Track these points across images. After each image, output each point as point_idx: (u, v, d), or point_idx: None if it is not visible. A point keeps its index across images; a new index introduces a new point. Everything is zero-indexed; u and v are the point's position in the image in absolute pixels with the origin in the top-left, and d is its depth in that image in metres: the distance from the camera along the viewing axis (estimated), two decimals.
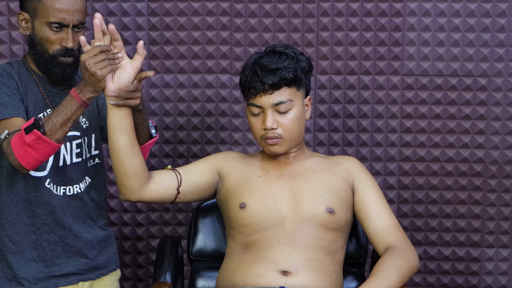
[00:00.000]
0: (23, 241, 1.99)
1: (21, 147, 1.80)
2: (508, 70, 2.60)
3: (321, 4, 2.60)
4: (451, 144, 2.66)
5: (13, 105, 1.88)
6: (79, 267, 2.07)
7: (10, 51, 2.64)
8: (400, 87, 2.64)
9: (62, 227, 2.02)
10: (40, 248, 2.01)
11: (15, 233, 1.99)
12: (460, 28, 2.59)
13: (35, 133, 1.78)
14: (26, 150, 1.80)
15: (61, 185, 2.03)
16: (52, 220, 2.01)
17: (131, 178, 1.94)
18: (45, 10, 1.91)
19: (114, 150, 1.91)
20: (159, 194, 2.01)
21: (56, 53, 1.93)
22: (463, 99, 2.63)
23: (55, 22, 1.90)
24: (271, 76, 1.94)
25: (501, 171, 2.66)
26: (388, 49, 2.62)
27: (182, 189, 2.02)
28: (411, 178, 2.69)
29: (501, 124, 2.63)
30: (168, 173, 2.04)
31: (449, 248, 2.72)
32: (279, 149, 2.01)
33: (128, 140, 1.91)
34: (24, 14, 1.95)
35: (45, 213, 2.00)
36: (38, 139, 1.78)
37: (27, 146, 1.79)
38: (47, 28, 1.92)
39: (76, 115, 1.82)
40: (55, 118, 1.81)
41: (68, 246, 2.04)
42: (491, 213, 2.69)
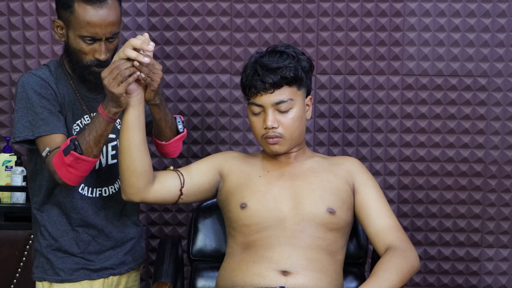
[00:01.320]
0: (60, 238, 2.05)
1: (63, 167, 1.87)
2: (508, 70, 2.60)
3: (321, 4, 2.60)
4: (451, 144, 2.66)
5: (53, 120, 1.92)
6: (110, 263, 2.12)
7: (10, 51, 2.65)
8: (400, 87, 2.64)
9: (94, 229, 2.07)
10: (75, 246, 2.06)
11: (54, 230, 2.05)
12: (460, 28, 2.59)
13: (73, 154, 1.84)
14: (68, 170, 1.87)
15: (97, 187, 2.07)
16: (85, 223, 2.06)
17: (139, 176, 1.93)
18: (78, 23, 1.89)
19: (128, 147, 1.91)
20: (162, 194, 2.00)
21: (90, 64, 1.93)
22: (463, 99, 2.63)
23: (87, 36, 1.89)
24: (272, 75, 1.94)
25: (501, 171, 2.66)
26: (388, 49, 2.62)
27: (184, 190, 2.02)
28: (411, 178, 2.69)
29: (501, 124, 2.63)
30: (170, 174, 2.04)
31: (449, 248, 2.72)
32: (280, 148, 2.01)
33: (142, 136, 1.92)
34: (59, 22, 1.94)
35: (79, 217, 2.05)
36: (76, 159, 1.85)
37: (68, 167, 1.86)
38: (80, 40, 1.90)
39: (107, 131, 1.87)
40: (88, 136, 1.86)
41: (100, 245, 2.09)
42: (491, 213, 2.69)
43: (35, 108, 1.92)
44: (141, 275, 2.79)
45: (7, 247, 2.46)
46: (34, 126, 1.91)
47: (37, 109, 1.92)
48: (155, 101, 1.93)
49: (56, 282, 2.06)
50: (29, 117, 1.92)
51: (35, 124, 1.91)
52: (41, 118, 1.91)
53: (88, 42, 1.90)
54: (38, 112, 1.92)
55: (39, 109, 1.92)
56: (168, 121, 2.01)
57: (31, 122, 1.92)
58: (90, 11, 1.87)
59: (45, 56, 2.65)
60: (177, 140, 2.08)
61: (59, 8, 1.93)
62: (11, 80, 2.66)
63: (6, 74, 2.67)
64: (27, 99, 1.93)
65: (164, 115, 1.99)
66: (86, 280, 2.08)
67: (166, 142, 2.06)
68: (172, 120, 2.04)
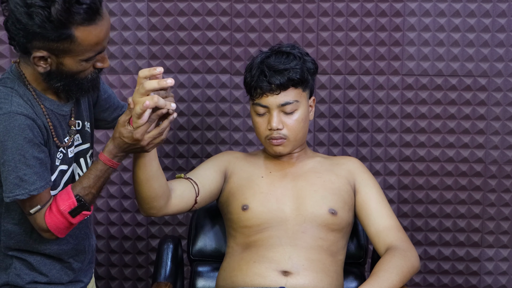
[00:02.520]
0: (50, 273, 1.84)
1: (63, 227, 1.71)
2: (508, 70, 2.60)
3: (321, 4, 2.60)
4: (451, 144, 2.66)
5: (44, 172, 1.67)
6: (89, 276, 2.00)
7: (10, 51, 2.64)
8: (400, 87, 2.64)
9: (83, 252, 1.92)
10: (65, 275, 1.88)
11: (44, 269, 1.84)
12: (460, 28, 2.59)
13: (84, 214, 1.72)
14: (69, 228, 1.73)
15: None
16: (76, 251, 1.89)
17: (160, 199, 1.90)
18: (82, 49, 1.63)
19: (147, 179, 1.84)
20: (181, 207, 1.98)
21: (89, 77, 1.72)
22: (463, 99, 2.63)
23: (92, 56, 1.66)
24: (278, 77, 1.94)
25: (501, 171, 2.66)
26: (388, 49, 2.62)
27: (199, 198, 2.01)
28: (411, 178, 2.69)
29: (501, 124, 2.63)
30: (186, 184, 2.00)
31: (449, 248, 2.72)
32: (284, 149, 2.01)
33: (157, 163, 1.86)
34: (43, 53, 1.63)
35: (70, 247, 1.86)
36: (84, 215, 1.73)
37: (72, 225, 1.72)
38: (84, 62, 1.67)
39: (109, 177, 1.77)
40: (93, 189, 1.73)
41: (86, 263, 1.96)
42: (491, 213, 2.69)
43: (27, 160, 1.63)
44: (141, 275, 2.79)
45: None
46: (26, 183, 1.64)
47: (30, 161, 1.64)
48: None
49: None
50: (19, 172, 1.63)
51: (28, 180, 1.64)
52: (35, 172, 1.64)
53: (92, 60, 1.69)
54: (31, 164, 1.64)
55: (32, 161, 1.64)
56: None
57: (21, 178, 1.63)
58: (93, 32, 1.61)
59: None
60: None
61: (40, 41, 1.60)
62: None
63: None
64: (16, 149, 1.62)
65: None
66: None
67: None
68: None
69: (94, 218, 2.69)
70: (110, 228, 2.75)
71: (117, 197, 2.72)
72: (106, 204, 2.72)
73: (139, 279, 2.80)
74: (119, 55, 2.64)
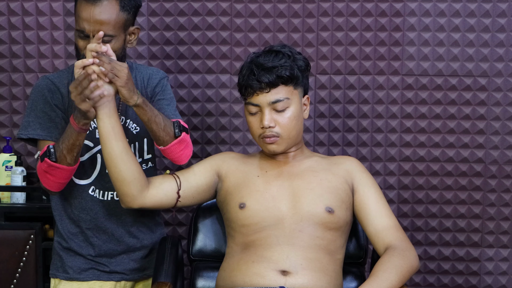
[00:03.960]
0: (69, 240, 2.07)
1: (41, 173, 1.93)
2: (508, 70, 2.60)
3: (321, 4, 2.60)
4: (451, 144, 2.66)
5: (50, 127, 1.98)
6: (122, 267, 2.10)
7: (10, 51, 2.65)
8: (400, 87, 2.64)
9: (104, 232, 2.07)
10: (85, 248, 2.07)
11: (64, 231, 2.07)
12: (460, 28, 2.59)
13: (46, 161, 1.89)
14: (45, 175, 1.92)
15: (109, 190, 2.05)
16: (95, 225, 2.06)
17: (130, 184, 1.94)
18: (76, 16, 1.93)
19: (110, 158, 1.92)
20: (160, 199, 2.00)
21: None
22: (463, 99, 2.63)
23: (79, 29, 1.92)
24: (267, 74, 1.95)
25: (501, 171, 2.66)
26: (388, 49, 2.62)
27: (182, 192, 2.02)
28: (411, 178, 2.69)
29: (501, 124, 2.63)
30: (166, 177, 2.04)
31: (449, 248, 2.72)
32: (277, 147, 2.01)
33: (123, 146, 1.91)
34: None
35: (89, 219, 2.06)
36: (50, 166, 1.89)
37: (45, 172, 1.92)
38: (77, 34, 1.94)
39: (79, 141, 1.88)
40: (61, 144, 1.88)
41: (111, 250, 2.08)
42: (491, 213, 2.69)
43: (36, 111, 1.98)
44: None
45: (7, 247, 2.46)
46: (30, 127, 1.98)
47: (38, 113, 1.98)
48: (134, 101, 1.87)
49: (65, 279, 2.07)
50: (29, 118, 1.99)
51: (32, 125, 1.98)
52: (39, 122, 1.98)
53: (80, 37, 1.91)
54: (38, 115, 1.98)
55: (40, 113, 1.98)
56: (159, 123, 1.93)
57: (29, 123, 1.98)
58: (82, 5, 1.90)
59: (45, 56, 2.65)
60: (176, 145, 1.98)
61: None
62: (11, 80, 2.66)
63: (6, 74, 2.67)
64: (33, 101, 2.00)
65: (153, 116, 1.91)
66: (95, 281, 2.07)
67: (164, 147, 1.97)
68: (166, 123, 1.95)
69: None
70: None
71: None
72: None
73: None
74: None
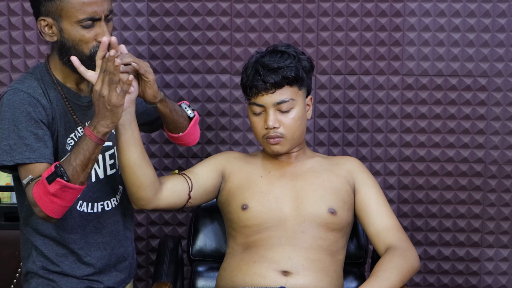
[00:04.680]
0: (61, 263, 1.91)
1: (45, 197, 1.69)
2: (508, 70, 2.60)
3: (321, 4, 2.60)
4: (451, 144, 2.66)
5: (39, 147, 1.73)
6: (113, 281, 2.01)
7: (10, 51, 2.64)
8: (400, 87, 2.64)
9: (97, 248, 1.94)
10: (79, 270, 1.93)
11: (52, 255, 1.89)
12: (460, 28, 2.59)
13: (58, 182, 1.67)
14: (51, 200, 1.69)
15: (98, 201, 1.93)
16: (86, 243, 1.92)
17: (147, 189, 1.91)
18: (72, 8, 1.71)
19: (128, 165, 1.86)
20: (173, 200, 1.99)
21: (94, 51, 1.75)
22: (463, 99, 2.63)
23: (86, 18, 1.72)
24: (273, 75, 1.95)
25: (501, 171, 2.66)
26: (388, 49, 2.62)
27: (192, 193, 2.02)
28: (411, 178, 2.69)
29: (501, 124, 2.63)
30: (178, 178, 2.02)
31: (449, 248, 2.72)
32: (281, 148, 2.01)
33: (141, 151, 1.88)
34: (46, 19, 1.74)
35: (78, 237, 1.90)
36: (63, 188, 1.68)
37: (51, 196, 1.69)
38: (79, 27, 1.73)
39: (95, 154, 1.71)
40: (74, 161, 1.69)
41: (105, 266, 1.97)
42: (491, 213, 2.69)
43: (20, 131, 1.72)
44: (141, 275, 2.79)
45: (7, 247, 2.46)
46: (14, 151, 1.72)
47: (22, 133, 1.72)
48: (160, 96, 1.85)
49: None
50: (10, 140, 1.72)
51: (17, 149, 1.72)
52: (25, 144, 1.72)
53: (88, 27, 1.73)
54: (23, 136, 1.72)
55: (25, 132, 1.72)
56: (177, 110, 1.93)
57: (11, 146, 1.72)
58: None
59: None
60: (193, 126, 2.01)
61: (42, 4, 1.74)
62: (11, 80, 2.66)
63: (6, 74, 2.66)
64: (12, 120, 1.72)
65: (173, 106, 1.91)
66: None
67: (183, 132, 1.97)
68: (179, 108, 1.96)
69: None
70: None
71: None
72: None
73: (139, 279, 2.80)
74: None
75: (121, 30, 2.62)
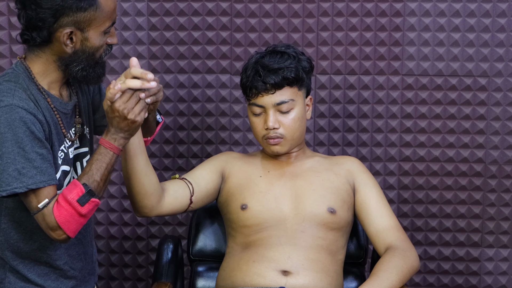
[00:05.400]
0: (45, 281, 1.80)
1: (74, 219, 1.63)
2: (508, 70, 2.60)
3: (321, 4, 2.60)
4: (451, 144, 2.66)
5: (47, 168, 1.63)
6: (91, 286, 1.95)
7: (10, 51, 2.65)
8: (400, 87, 2.64)
9: (79, 259, 1.86)
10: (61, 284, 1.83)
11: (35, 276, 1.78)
12: (460, 28, 2.59)
13: (93, 202, 1.64)
14: (80, 221, 1.64)
15: None
16: (69, 256, 1.83)
17: (151, 197, 1.91)
18: (104, 16, 1.66)
19: (135, 174, 1.87)
20: (175, 206, 2.00)
21: (103, 55, 1.74)
22: (463, 99, 2.63)
23: (111, 25, 1.70)
24: (273, 76, 1.95)
25: (501, 171, 2.66)
26: (388, 49, 2.62)
27: (194, 198, 2.02)
28: (411, 178, 2.69)
29: (501, 124, 2.63)
30: (179, 183, 2.02)
31: (449, 248, 2.72)
32: (281, 149, 2.01)
33: (146, 159, 1.89)
34: (72, 29, 1.65)
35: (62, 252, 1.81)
36: (95, 207, 1.66)
37: (82, 218, 1.64)
38: (103, 35, 1.69)
39: (113, 165, 1.70)
40: (97, 175, 1.65)
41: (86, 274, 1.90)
42: (491, 213, 2.69)
43: (27, 153, 1.60)
44: (141, 275, 2.80)
45: None
46: (24, 176, 1.59)
47: (30, 155, 1.60)
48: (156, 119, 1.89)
49: None
50: (17, 165, 1.59)
51: (26, 173, 1.59)
52: (34, 167, 1.60)
53: (108, 33, 1.71)
54: (31, 158, 1.60)
55: (32, 154, 1.60)
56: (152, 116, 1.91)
57: (19, 171, 1.59)
58: None
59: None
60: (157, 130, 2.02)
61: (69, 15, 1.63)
62: None
63: None
64: (16, 142, 1.59)
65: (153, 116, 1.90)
66: None
67: (150, 136, 1.98)
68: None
69: (94, 219, 2.69)
70: (110, 228, 2.75)
71: (117, 197, 2.72)
72: (106, 204, 2.72)
73: (139, 279, 2.80)
74: (119, 55, 2.64)
75: (121, 30, 2.62)
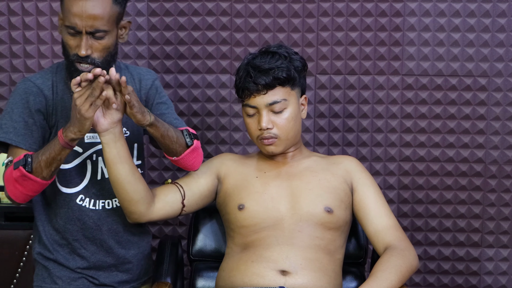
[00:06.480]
0: (56, 252, 1.99)
1: (10, 181, 1.82)
2: (508, 70, 2.60)
3: (321, 4, 2.60)
4: (451, 144, 2.66)
5: (25, 133, 1.87)
6: (110, 280, 2.03)
7: (10, 51, 2.65)
8: (400, 87, 2.64)
9: (93, 243, 1.99)
10: (72, 261, 1.99)
11: (48, 242, 1.99)
12: (460, 28, 2.59)
13: (20, 170, 1.78)
14: (14, 185, 1.82)
15: (100, 198, 1.98)
16: (83, 236, 1.98)
17: (138, 203, 1.92)
18: (65, 11, 1.82)
19: (117, 181, 1.89)
20: (166, 211, 2.00)
21: (73, 59, 1.84)
22: (463, 99, 2.63)
23: (69, 26, 1.81)
24: (264, 76, 1.95)
25: (501, 171, 2.66)
26: (388, 49, 2.62)
27: (186, 201, 2.02)
28: (411, 178, 2.69)
29: (501, 124, 2.63)
30: (170, 188, 2.02)
31: (449, 248, 2.72)
32: (276, 149, 2.01)
33: (129, 168, 1.89)
34: (60, 14, 1.87)
35: (76, 229, 1.98)
36: (23, 176, 1.79)
37: (14, 181, 1.81)
38: (66, 32, 1.83)
39: (61, 156, 1.79)
40: (41, 156, 1.79)
41: (100, 262, 2.01)
42: (491, 213, 2.69)
43: (13, 114, 1.88)
44: None
45: (7, 247, 2.46)
46: (1, 129, 1.88)
47: (14, 116, 1.88)
48: (148, 121, 1.83)
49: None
50: (3, 120, 1.89)
51: (4, 128, 1.88)
52: (13, 126, 1.87)
53: (70, 34, 1.81)
54: (14, 119, 1.87)
55: (17, 117, 1.87)
56: (172, 136, 1.89)
57: (2, 125, 1.88)
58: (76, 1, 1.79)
59: (45, 56, 2.65)
60: (189, 154, 1.95)
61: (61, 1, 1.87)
62: (11, 80, 2.66)
63: (6, 74, 2.67)
64: (11, 104, 1.90)
65: (165, 131, 1.87)
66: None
67: (177, 157, 1.94)
68: (177, 134, 1.92)
69: None
70: None
71: None
72: None
73: None
74: (119, 55, 2.64)
75: None
